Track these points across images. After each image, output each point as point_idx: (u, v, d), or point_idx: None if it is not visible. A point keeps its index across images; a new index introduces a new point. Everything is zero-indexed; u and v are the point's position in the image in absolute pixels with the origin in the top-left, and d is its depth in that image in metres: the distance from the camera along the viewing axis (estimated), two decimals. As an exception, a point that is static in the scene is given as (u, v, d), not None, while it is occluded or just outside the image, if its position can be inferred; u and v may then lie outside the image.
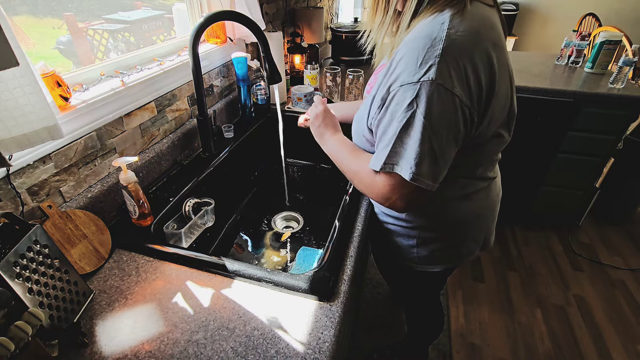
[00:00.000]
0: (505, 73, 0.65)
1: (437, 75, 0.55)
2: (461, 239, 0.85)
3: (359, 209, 0.91)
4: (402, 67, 0.59)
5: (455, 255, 0.88)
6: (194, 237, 0.92)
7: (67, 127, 0.76)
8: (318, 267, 0.71)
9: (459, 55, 0.56)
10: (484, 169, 0.77)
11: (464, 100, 0.58)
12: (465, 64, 0.56)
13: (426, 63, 0.56)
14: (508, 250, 2.11)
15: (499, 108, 0.65)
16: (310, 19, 1.86)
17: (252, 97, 1.38)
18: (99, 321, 0.64)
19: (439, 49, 0.55)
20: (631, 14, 3.63)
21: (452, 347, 1.57)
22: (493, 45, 0.60)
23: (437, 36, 0.56)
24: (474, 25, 0.59)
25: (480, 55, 0.58)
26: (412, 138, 0.58)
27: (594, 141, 1.83)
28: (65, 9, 1.04)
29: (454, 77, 0.56)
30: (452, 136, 0.60)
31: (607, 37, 1.83)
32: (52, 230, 0.71)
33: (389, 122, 0.61)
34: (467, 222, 0.82)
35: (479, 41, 0.58)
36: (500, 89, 0.63)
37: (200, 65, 0.98)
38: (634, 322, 1.70)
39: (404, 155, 0.60)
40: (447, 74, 0.55)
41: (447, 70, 0.55)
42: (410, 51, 0.58)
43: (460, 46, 0.56)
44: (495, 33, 0.62)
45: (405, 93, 0.58)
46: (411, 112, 0.57)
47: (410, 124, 0.58)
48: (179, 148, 1.10)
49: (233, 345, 0.59)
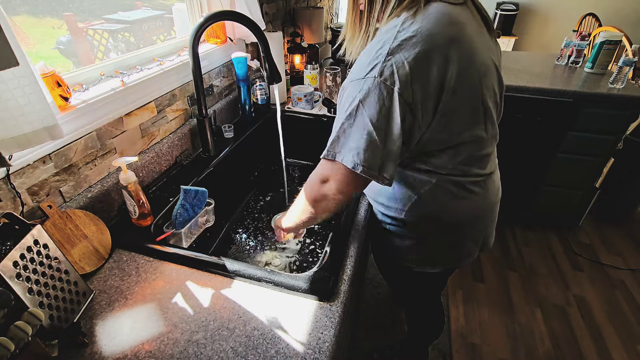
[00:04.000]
0: (470, 69, 0.65)
1: (380, 73, 0.59)
2: (459, 240, 0.85)
3: (358, 209, 0.91)
4: (356, 67, 0.65)
5: (454, 257, 0.88)
6: (194, 237, 0.92)
7: (67, 127, 0.76)
8: (318, 267, 0.71)
9: (403, 54, 0.59)
10: (473, 166, 0.76)
11: (406, 98, 0.60)
12: (408, 63, 0.59)
13: (373, 62, 0.60)
14: (508, 250, 2.11)
15: (459, 105, 0.65)
16: (310, 19, 1.86)
17: (252, 97, 1.38)
18: (99, 321, 0.64)
19: (386, 49, 0.60)
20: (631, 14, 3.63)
21: (452, 347, 1.57)
22: (449, 42, 0.61)
23: (387, 39, 0.61)
24: (423, 25, 0.61)
25: (428, 53, 0.60)
26: (354, 129, 0.62)
27: (594, 141, 1.83)
28: (65, 9, 1.04)
29: (396, 75, 0.59)
30: (392, 130, 0.62)
31: (607, 37, 1.83)
32: (52, 230, 0.71)
33: (338, 115, 0.66)
34: (465, 223, 0.82)
35: (429, 40, 0.60)
36: (461, 86, 0.63)
37: (200, 65, 0.98)
38: (634, 322, 1.70)
39: (346, 144, 0.64)
40: (389, 73, 0.59)
41: (390, 69, 0.59)
42: (365, 53, 0.64)
43: (406, 46, 0.59)
44: (455, 29, 0.62)
45: (353, 88, 0.63)
46: (355, 106, 0.62)
47: (353, 115, 0.62)
48: (179, 148, 1.10)
49: (233, 345, 0.59)
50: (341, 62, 2.13)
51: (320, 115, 1.43)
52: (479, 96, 0.68)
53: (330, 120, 1.40)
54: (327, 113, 1.43)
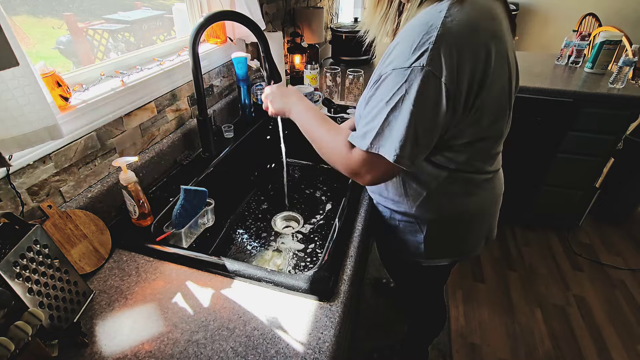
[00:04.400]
0: (504, 66, 0.65)
1: (428, 61, 0.56)
2: (467, 233, 0.87)
3: (359, 209, 0.91)
4: (397, 52, 0.60)
5: (462, 249, 0.90)
6: (194, 237, 0.92)
7: (67, 127, 0.76)
8: (318, 267, 0.71)
9: (452, 43, 0.56)
10: (485, 163, 0.78)
11: (450, 89, 0.58)
12: (457, 53, 0.57)
13: (419, 49, 0.57)
14: (508, 250, 2.11)
15: (491, 101, 0.65)
16: (310, 19, 1.86)
17: (252, 97, 1.38)
18: (99, 321, 0.64)
19: (434, 36, 0.56)
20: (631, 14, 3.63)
21: (452, 347, 1.57)
22: (492, 37, 0.61)
23: (433, 23, 0.57)
24: (472, 15, 0.59)
25: (474, 45, 0.59)
26: (399, 122, 0.60)
27: (594, 141, 1.83)
28: (65, 9, 1.04)
29: (444, 65, 0.56)
30: (434, 123, 0.61)
31: (607, 37, 1.83)
32: (52, 230, 0.71)
33: (377, 103, 0.63)
34: (472, 217, 0.84)
35: (475, 31, 0.59)
36: (495, 82, 0.63)
37: (200, 65, 0.98)
38: (634, 322, 1.70)
39: (389, 138, 0.61)
40: (438, 62, 0.56)
41: (438, 57, 0.56)
42: (406, 37, 0.59)
43: (455, 35, 0.57)
44: (495, 24, 0.62)
45: (396, 77, 0.59)
46: (400, 97, 0.59)
47: (398, 108, 0.59)
48: (179, 148, 1.10)
49: (233, 345, 0.59)
50: (341, 62, 2.13)
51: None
52: (507, 93, 0.68)
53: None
54: (327, 113, 1.43)
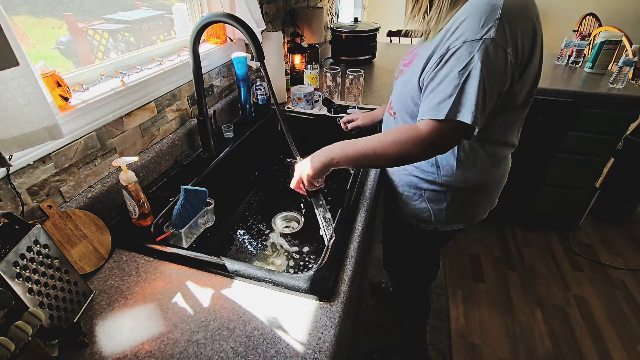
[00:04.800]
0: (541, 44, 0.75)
1: (496, 34, 0.64)
2: (484, 201, 0.97)
3: (359, 209, 0.91)
4: (465, 27, 0.67)
5: (475, 215, 0.99)
6: (194, 237, 0.92)
7: (67, 127, 0.76)
8: (318, 267, 0.71)
9: (513, 20, 0.66)
10: (513, 135, 0.87)
11: (512, 60, 0.67)
12: (516, 29, 0.66)
13: (487, 24, 0.65)
14: (508, 250, 2.11)
15: (531, 74, 0.75)
16: (310, 19, 1.86)
17: (252, 97, 1.38)
18: (99, 321, 0.64)
19: (498, 13, 0.64)
20: (631, 14, 3.62)
21: (452, 347, 1.57)
22: (536, 17, 0.72)
23: (496, 2, 0.66)
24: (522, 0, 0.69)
25: (527, 24, 0.69)
26: (472, 87, 0.66)
27: (594, 141, 1.83)
28: (65, 9, 1.04)
29: (509, 38, 0.65)
30: (498, 88, 0.69)
31: (607, 37, 1.83)
32: (52, 230, 0.71)
33: (446, 75, 0.68)
34: (491, 186, 0.94)
35: (527, 11, 0.69)
36: (536, 57, 0.73)
37: (200, 65, 0.99)
38: (634, 322, 1.70)
39: (465, 104, 0.67)
40: (504, 35, 0.65)
41: (503, 31, 0.65)
42: (473, 14, 0.66)
43: (515, 13, 0.66)
44: (536, 9, 0.73)
45: (467, 49, 0.66)
46: (473, 65, 0.65)
47: (472, 75, 0.66)
48: (179, 148, 1.10)
49: (233, 345, 0.59)
50: (341, 62, 2.13)
51: (320, 115, 1.43)
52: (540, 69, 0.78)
53: (331, 120, 1.40)
54: (327, 113, 1.43)
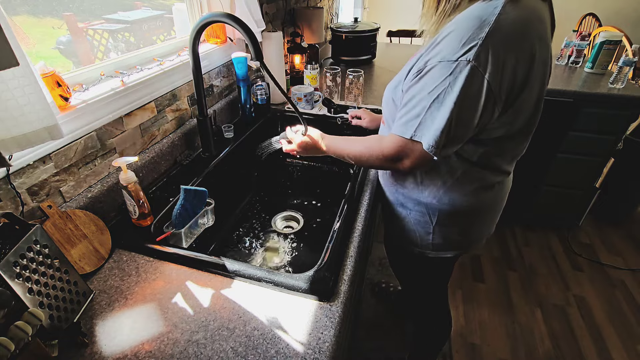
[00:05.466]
0: (544, 70, 0.66)
1: (475, 57, 0.56)
2: (474, 227, 0.90)
3: (359, 209, 0.91)
4: (446, 43, 0.60)
5: (466, 242, 0.92)
6: (194, 237, 0.92)
7: (67, 127, 0.76)
8: (318, 267, 0.71)
9: (502, 41, 0.57)
10: (505, 162, 0.80)
11: (493, 88, 0.59)
12: (504, 52, 0.57)
13: (468, 44, 0.57)
14: (508, 250, 2.11)
15: (529, 103, 0.66)
16: (310, 19, 1.86)
17: (252, 97, 1.38)
18: (99, 321, 0.64)
19: (485, 31, 0.56)
20: (631, 14, 3.62)
21: (452, 347, 1.57)
22: (538, 39, 0.61)
23: (486, 19, 0.57)
24: (525, 15, 0.59)
25: (523, 46, 0.59)
26: (441, 113, 0.61)
27: (594, 141, 1.83)
28: (65, 9, 1.04)
29: (490, 63, 0.57)
30: (472, 118, 0.62)
31: (607, 37, 1.83)
32: (52, 230, 0.71)
33: (419, 92, 0.64)
34: (482, 212, 0.87)
35: (525, 32, 0.59)
36: (534, 84, 0.64)
37: (200, 65, 0.98)
38: (634, 322, 1.70)
39: (431, 128, 0.63)
40: (485, 58, 0.56)
41: (486, 54, 0.56)
42: (457, 30, 0.59)
43: (506, 33, 0.57)
44: (543, 27, 0.63)
45: (442, 70, 0.60)
46: (443, 89, 0.60)
47: (441, 100, 0.61)
48: (179, 148, 1.10)
49: (233, 345, 0.59)
50: (341, 62, 2.13)
51: (320, 115, 1.43)
52: (541, 96, 0.70)
53: (331, 120, 1.40)
54: (327, 113, 1.43)
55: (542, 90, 0.69)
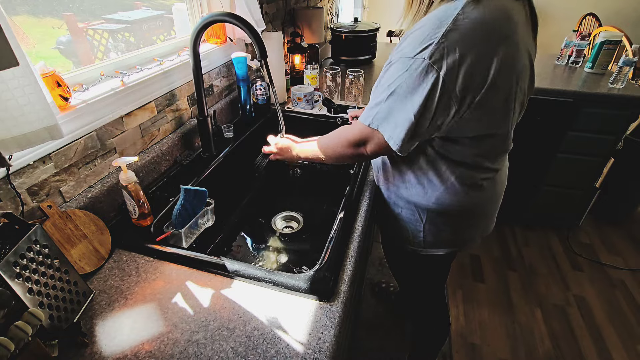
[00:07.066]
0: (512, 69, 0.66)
1: (430, 55, 0.59)
2: (465, 225, 0.90)
3: (359, 209, 0.91)
4: (409, 41, 0.64)
5: (459, 240, 0.93)
6: (194, 237, 0.92)
7: (67, 127, 0.76)
8: (318, 267, 0.71)
9: (458, 41, 0.59)
10: (489, 160, 0.80)
11: (448, 85, 0.61)
12: (461, 51, 0.59)
13: (426, 42, 0.60)
14: (508, 250, 2.11)
15: (495, 102, 0.67)
16: (310, 19, 1.86)
17: (252, 97, 1.38)
18: (99, 321, 0.64)
19: (442, 31, 0.59)
20: (631, 14, 3.62)
21: (452, 347, 1.57)
22: (502, 39, 0.62)
23: (445, 19, 0.60)
24: (485, 15, 0.60)
25: (481, 46, 0.60)
26: (397, 106, 0.65)
27: (594, 141, 1.83)
28: (65, 9, 1.04)
29: (445, 62, 0.59)
30: (428, 113, 0.64)
31: (607, 37, 1.83)
32: (52, 230, 0.71)
33: (381, 85, 0.69)
34: (472, 210, 0.87)
35: (485, 32, 0.60)
36: (500, 84, 0.64)
37: (200, 65, 0.98)
38: (634, 322, 1.70)
39: (387, 119, 0.68)
40: (440, 56, 0.59)
41: (441, 52, 0.59)
42: (421, 29, 0.63)
43: (463, 33, 0.59)
44: (510, 27, 0.63)
45: (400, 65, 0.64)
46: (399, 83, 0.64)
47: (397, 94, 0.65)
48: (179, 148, 1.10)
49: (233, 345, 0.59)
50: (341, 62, 2.13)
51: (320, 115, 1.43)
52: (512, 95, 0.69)
53: (330, 120, 1.40)
54: (327, 113, 1.43)
55: (512, 90, 0.68)
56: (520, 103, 0.75)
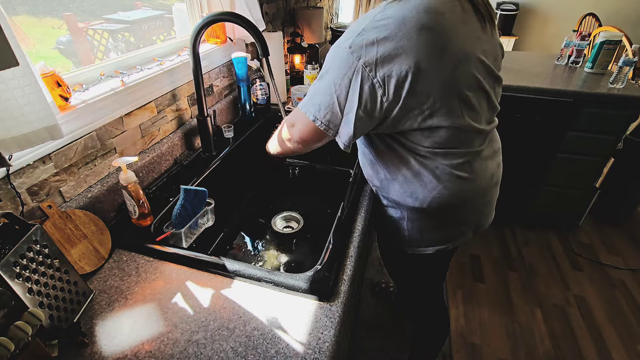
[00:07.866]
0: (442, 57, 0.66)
1: (351, 44, 0.66)
2: (450, 220, 0.87)
3: (359, 209, 0.91)
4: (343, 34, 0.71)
5: (445, 237, 0.90)
6: (194, 237, 0.92)
7: (67, 127, 0.76)
8: (318, 267, 0.71)
9: (374, 33, 0.64)
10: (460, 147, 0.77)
11: (369, 72, 0.65)
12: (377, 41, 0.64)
13: (352, 34, 0.67)
14: (508, 250, 2.11)
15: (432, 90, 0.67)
16: (310, 19, 1.86)
17: (252, 97, 1.38)
18: (99, 321, 0.64)
19: (362, 25, 0.66)
20: (631, 14, 3.63)
21: (452, 347, 1.57)
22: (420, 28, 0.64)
23: (367, 16, 0.68)
24: (399, 11, 0.65)
25: (395, 37, 0.64)
26: (321, 89, 0.71)
27: (594, 141, 1.83)
28: (65, 9, 1.04)
29: (364, 50, 0.65)
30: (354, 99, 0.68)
31: (607, 37, 1.83)
32: (52, 230, 0.71)
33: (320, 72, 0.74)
34: (453, 204, 0.83)
35: (399, 25, 0.64)
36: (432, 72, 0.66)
37: (200, 65, 0.98)
38: (634, 322, 1.70)
39: (312, 100, 0.72)
40: (358, 46, 0.65)
41: (360, 43, 0.65)
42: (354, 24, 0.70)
43: (378, 27, 0.65)
44: (429, 17, 0.65)
45: (330, 53, 0.71)
46: (326, 69, 0.70)
47: (323, 77, 0.71)
48: (179, 148, 1.10)
49: (233, 345, 0.59)
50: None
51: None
52: (453, 84, 0.69)
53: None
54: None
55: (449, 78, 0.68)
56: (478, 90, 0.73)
